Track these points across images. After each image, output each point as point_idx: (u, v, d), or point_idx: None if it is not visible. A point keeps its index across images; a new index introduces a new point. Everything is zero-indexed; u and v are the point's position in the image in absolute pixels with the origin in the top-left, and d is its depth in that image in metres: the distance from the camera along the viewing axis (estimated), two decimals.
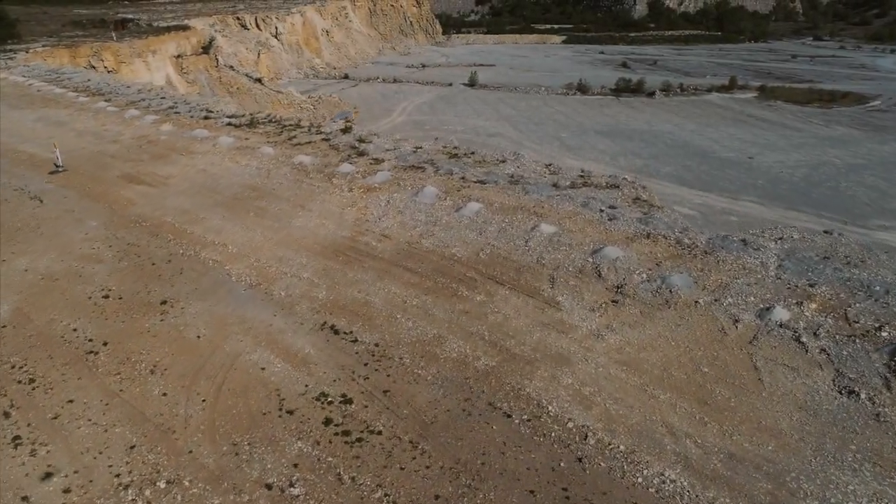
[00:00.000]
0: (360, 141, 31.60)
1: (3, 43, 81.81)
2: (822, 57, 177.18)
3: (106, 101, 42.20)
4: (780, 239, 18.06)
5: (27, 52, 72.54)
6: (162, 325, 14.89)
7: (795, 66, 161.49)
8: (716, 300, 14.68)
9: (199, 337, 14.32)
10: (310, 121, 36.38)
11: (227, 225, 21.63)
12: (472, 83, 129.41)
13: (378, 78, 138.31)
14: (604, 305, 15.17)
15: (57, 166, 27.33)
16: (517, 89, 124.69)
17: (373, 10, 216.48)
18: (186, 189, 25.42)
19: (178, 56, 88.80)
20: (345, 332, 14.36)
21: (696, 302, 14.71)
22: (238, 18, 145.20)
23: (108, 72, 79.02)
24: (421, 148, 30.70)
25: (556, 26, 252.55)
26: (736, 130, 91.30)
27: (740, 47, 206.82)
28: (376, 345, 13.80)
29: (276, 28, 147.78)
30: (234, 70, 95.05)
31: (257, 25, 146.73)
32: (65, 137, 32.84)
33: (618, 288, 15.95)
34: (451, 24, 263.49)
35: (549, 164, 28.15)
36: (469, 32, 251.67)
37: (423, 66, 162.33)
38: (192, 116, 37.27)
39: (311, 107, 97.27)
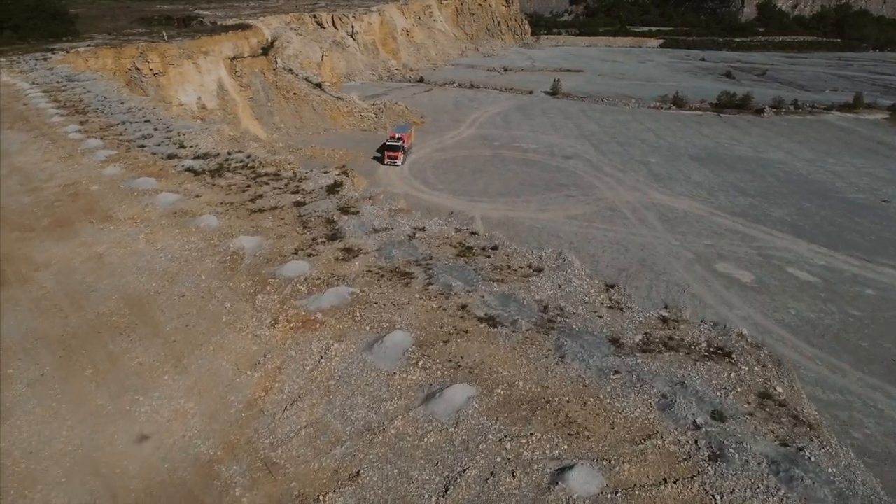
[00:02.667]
0: (344, 210, 22.22)
1: (58, 40, 78.20)
2: None
3: (80, 123, 34.90)
4: None
5: (68, 52, 67.90)
6: None
7: None
8: None
9: None
10: (295, 170, 27.27)
11: (30, 401, 12.76)
12: (554, 92, 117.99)
13: (454, 82, 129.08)
14: None
15: None
16: (604, 100, 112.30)
17: (459, 8, 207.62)
18: (41, 296, 16.85)
19: (234, 58, 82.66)
20: None
21: None
22: (315, 17, 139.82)
23: (154, 74, 73.58)
24: (423, 230, 21.05)
25: (653, 29, 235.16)
26: (865, 162, 75.95)
27: (864, 57, 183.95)
28: None
29: (353, 27, 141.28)
30: (292, 73, 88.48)
31: (333, 24, 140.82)
32: None
33: None
34: (542, 25, 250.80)
35: (610, 288, 17.65)
36: (560, 33, 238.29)
37: (506, 69, 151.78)
38: (154, 154, 29.03)
39: (373, 115, 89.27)
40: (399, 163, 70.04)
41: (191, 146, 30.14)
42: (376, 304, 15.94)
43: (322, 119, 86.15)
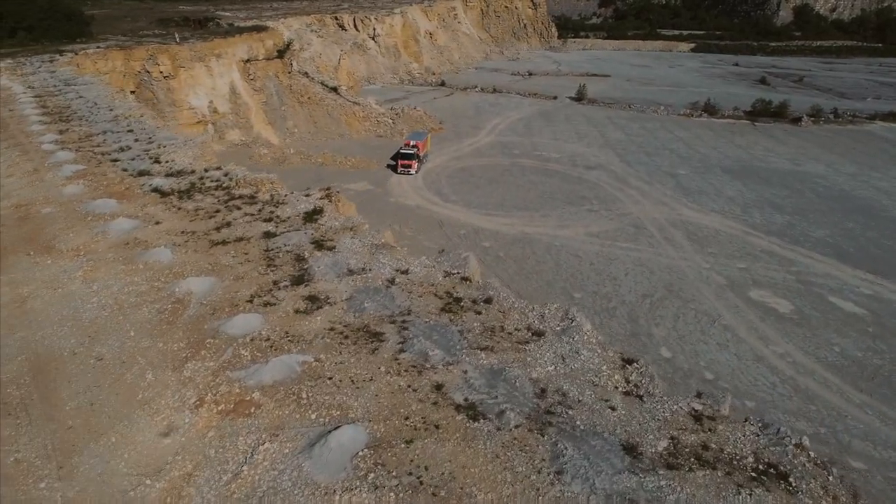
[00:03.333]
0: (319, 244, 19.11)
1: (71, 41, 76.68)
2: None
3: (59, 133, 32.41)
4: None
5: (76, 54, 66.11)
6: None
7: None
8: None
9: None
10: (274, 192, 24.20)
11: None
12: (579, 97, 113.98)
13: (476, 87, 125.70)
14: None
15: None
16: (631, 106, 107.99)
17: (485, 10, 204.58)
18: None
19: (248, 60, 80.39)
20: None
21: None
22: (336, 18, 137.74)
23: (164, 77, 71.51)
24: (406, 273, 17.82)
25: (684, 32, 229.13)
26: None
27: None
28: None
29: (374, 29, 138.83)
30: (308, 77, 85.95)
31: (355, 26, 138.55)
32: None
33: None
34: (570, 28, 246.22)
35: (628, 365, 14.12)
36: (587, 37, 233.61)
37: (530, 73, 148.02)
38: (125, 170, 26.24)
39: (390, 121, 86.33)
40: (413, 172, 66.93)
41: (167, 161, 27.30)
42: (331, 379, 12.73)
43: (337, 124, 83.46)
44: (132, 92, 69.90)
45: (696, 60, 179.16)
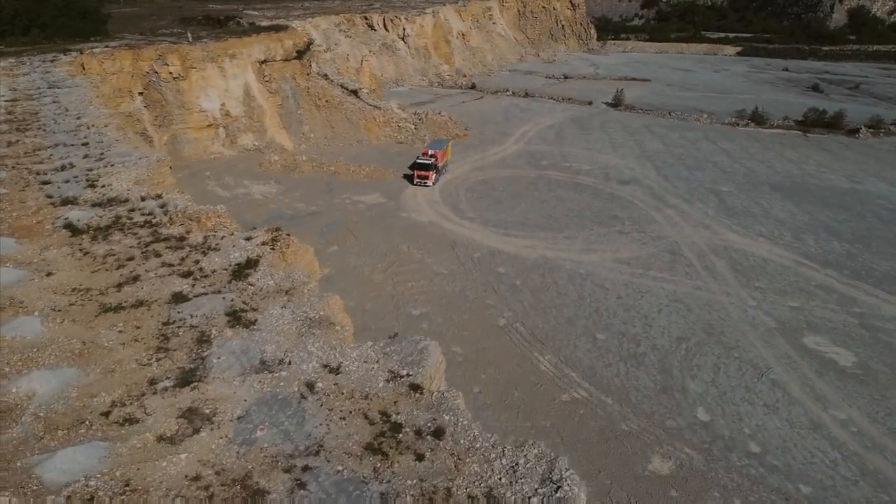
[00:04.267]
0: (236, 316, 14.28)
1: (85, 40, 73.93)
2: None
3: (7, 145, 28.44)
4: None
5: (81, 53, 63.04)
6: None
7: None
8: None
9: None
10: (210, 232, 19.47)
11: None
12: (616, 103, 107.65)
13: (507, 90, 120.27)
14: None
15: None
16: (672, 114, 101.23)
17: (522, 11, 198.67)
18: None
19: (264, 61, 76.62)
20: None
21: None
22: (366, 18, 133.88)
23: (174, 78, 68.07)
24: (337, 372, 12.77)
25: (731, 35, 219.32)
26: None
27: None
28: None
29: (404, 29, 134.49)
30: (327, 79, 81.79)
31: (385, 26, 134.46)
32: None
33: None
34: (610, 29, 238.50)
35: None
36: (628, 39, 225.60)
37: (566, 77, 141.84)
38: (50, 196, 21.94)
39: (412, 126, 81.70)
40: (430, 183, 62.07)
41: (103, 186, 22.89)
42: None
43: (355, 129, 79.13)
44: (140, 93, 66.73)
45: (743, 65, 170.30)
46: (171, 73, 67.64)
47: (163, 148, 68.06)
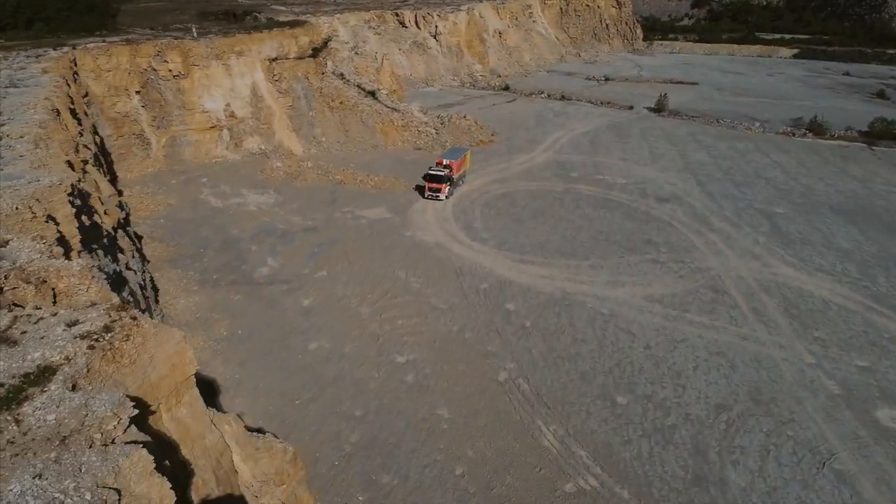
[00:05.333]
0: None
1: (90, 34, 70.17)
2: None
3: None
4: None
5: (74, 49, 58.93)
6: None
7: None
8: None
9: None
10: (33, 308, 13.61)
11: None
12: (659, 108, 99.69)
13: (542, 92, 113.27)
14: None
15: None
16: (720, 121, 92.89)
17: (564, 9, 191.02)
18: None
19: (275, 59, 71.66)
20: None
21: None
22: (397, 15, 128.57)
23: (174, 76, 63.50)
24: None
25: (786, 36, 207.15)
26: None
27: None
28: None
29: (436, 27, 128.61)
30: (343, 79, 76.40)
31: (416, 23, 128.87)
32: None
33: None
34: (658, 29, 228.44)
35: None
36: (676, 39, 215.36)
37: (606, 79, 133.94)
38: None
39: (433, 131, 75.74)
40: (442, 197, 55.99)
41: None
42: None
43: (371, 133, 73.53)
44: (137, 92, 62.35)
45: (799, 68, 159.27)
46: (170, 70, 63.11)
47: (161, 150, 63.75)
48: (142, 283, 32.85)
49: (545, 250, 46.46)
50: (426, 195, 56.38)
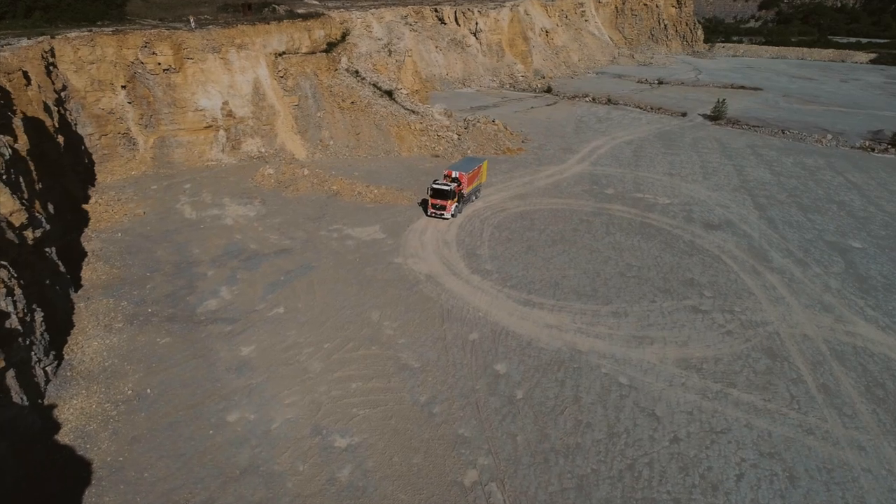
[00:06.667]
0: None
1: (91, 24, 65.03)
2: None
3: None
4: None
5: (53, 38, 53.41)
6: None
7: None
8: None
9: None
10: None
11: None
12: (715, 116, 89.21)
13: (587, 95, 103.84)
14: None
15: None
16: (786, 132, 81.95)
17: (620, 9, 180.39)
18: None
19: (283, 53, 65.02)
20: None
21: None
22: (436, 11, 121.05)
23: (164, 70, 57.49)
24: None
25: (863, 40, 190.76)
26: None
27: None
28: None
29: (476, 24, 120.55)
30: (357, 76, 69.11)
31: (456, 20, 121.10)
32: None
33: None
34: (721, 31, 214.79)
35: None
36: (741, 42, 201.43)
37: (660, 82, 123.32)
38: None
39: (455, 136, 67.82)
40: (448, 215, 48.06)
41: None
42: None
43: (384, 138, 66.10)
44: (123, 87, 56.54)
45: (878, 74, 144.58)
46: (159, 63, 57.09)
47: (149, 152, 57.81)
48: (26, 318, 26.09)
49: (559, 289, 37.96)
50: (429, 213, 48.54)
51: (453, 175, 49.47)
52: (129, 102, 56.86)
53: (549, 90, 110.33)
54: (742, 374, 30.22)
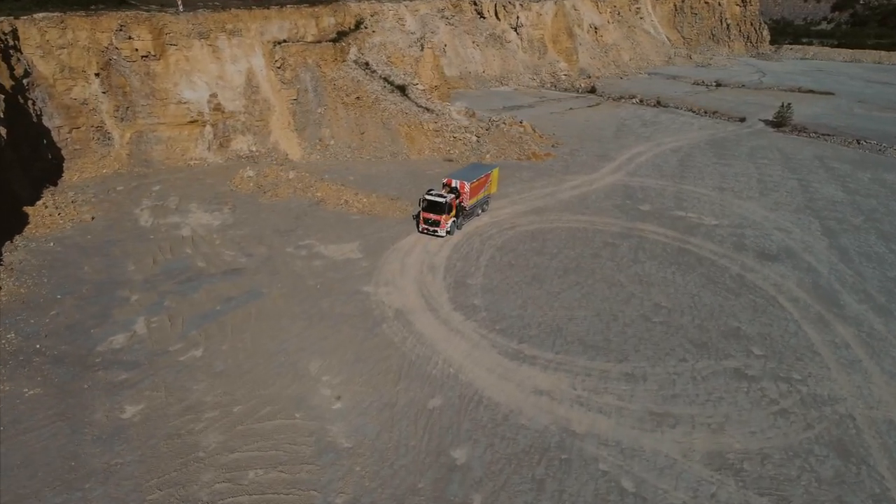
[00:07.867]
0: None
1: (83, 7, 59.83)
2: None
3: None
4: None
5: (16, 18, 48.02)
6: None
7: None
8: None
9: None
10: None
11: None
12: (779, 122, 78.60)
13: (634, 97, 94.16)
14: None
15: None
16: (861, 143, 70.93)
17: (679, 6, 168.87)
18: None
19: (284, 41, 58.42)
20: None
21: None
22: (475, 4, 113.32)
23: (142, 57, 51.53)
24: None
25: None
26: None
27: None
28: None
29: (517, 18, 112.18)
30: (367, 69, 61.96)
31: (496, 14, 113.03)
32: None
33: None
34: (790, 33, 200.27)
35: None
36: (811, 44, 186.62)
37: (718, 84, 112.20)
38: None
39: (474, 137, 59.93)
40: (442, 233, 40.19)
41: None
42: None
43: (392, 138, 58.72)
44: (97, 75, 50.80)
45: None
46: (136, 50, 51.11)
47: (125, 148, 51.91)
48: None
49: (560, 337, 29.64)
50: (419, 228, 40.82)
51: (452, 184, 41.64)
52: (104, 92, 51.16)
53: (592, 90, 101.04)
54: (800, 482, 21.40)
